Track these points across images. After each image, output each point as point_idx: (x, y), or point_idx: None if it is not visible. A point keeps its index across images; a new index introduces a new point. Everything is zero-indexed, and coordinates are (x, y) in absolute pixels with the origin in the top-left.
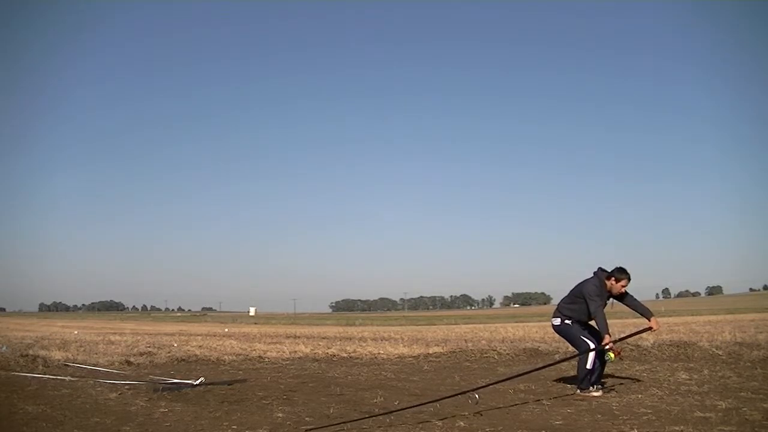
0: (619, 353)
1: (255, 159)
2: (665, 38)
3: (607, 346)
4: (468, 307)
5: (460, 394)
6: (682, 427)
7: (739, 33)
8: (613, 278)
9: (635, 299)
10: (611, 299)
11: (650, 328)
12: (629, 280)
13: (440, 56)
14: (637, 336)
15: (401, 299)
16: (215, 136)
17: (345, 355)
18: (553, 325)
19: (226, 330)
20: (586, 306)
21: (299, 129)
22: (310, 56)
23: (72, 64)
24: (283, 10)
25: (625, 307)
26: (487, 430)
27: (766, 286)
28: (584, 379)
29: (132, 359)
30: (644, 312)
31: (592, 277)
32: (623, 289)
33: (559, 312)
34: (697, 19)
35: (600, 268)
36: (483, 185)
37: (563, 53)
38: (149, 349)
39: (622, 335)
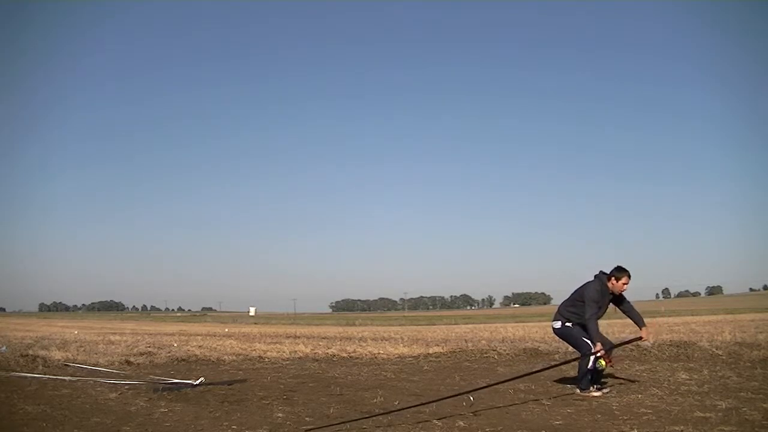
0: (610, 362)
1: (255, 159)
2: (665, 38)
3: (599, 354)
4: (468, 307)
5: (456, 395)
6: (682, 427)
7: (739, 33)
8: (613, 278)
9: (632, 306)
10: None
11: (640, 338)
12: (629, 277)
13: (441, 56)
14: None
15: (401, 299)
16: (215, 136)
17: (345, 355)
18: (553, 328)
19: (226, 330)
20: None
21: (299, 129)
22: (310, 56)
23: (72, 63)
24: (283, 10)
25: (632, 306)
26: (487, 430)
27: (766, 286)
28: (584, 379)
29: (132, 359)
30: (637, 320)
31: (593, 281)
32: (625, 287)
33: (559, 315)
34: (697, 19)
35: (601, 271)
36: (483, 185)
37: (563, 53)
38: (149, 349)
39: (614, 344)
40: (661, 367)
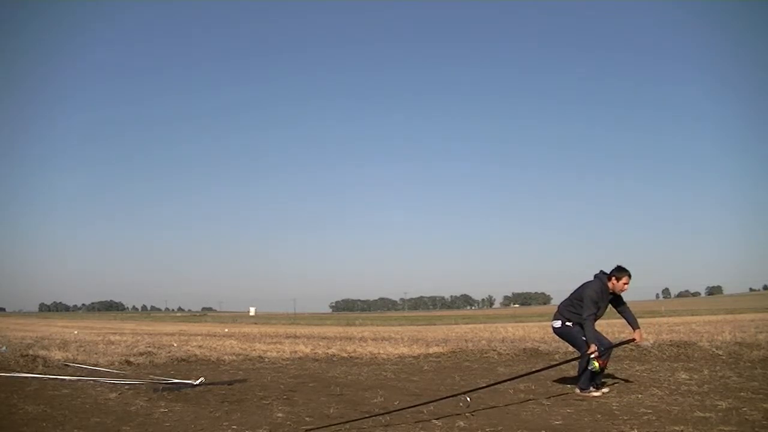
0: (603, 364)
1: (255, 159)
2: (665, 38)
3: (593, 356)
4: (468, 307)
5: (456, 395)
6: (682, 427)
7: (739, 33)
8: (613, 278)
9: (628, 308)
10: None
11: (633, 340)
12: (630, 277)
13: (441, 56)
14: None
15: (401, 299)
16: (215, 136)
17: (345, 355)
18: (553, 327)
19: (226, 330)
20: None
21: (299, 129)
22: (310, 56)
23: (72, 63)
24: (283, 10)
25: (629, 308)
26: (487, 430)
27: (766, 286)
28: (584, 379)
29: (132, 359)
30: (632, 322)
31: (593, 280)
32: (626, 287)
33: (559, 314)
34: (697, 19)
35: (601, 271)
36: (483, 185)
37: (563, 53)
38: (149, 349)
39: (612, 344)
40: (661, 367)
